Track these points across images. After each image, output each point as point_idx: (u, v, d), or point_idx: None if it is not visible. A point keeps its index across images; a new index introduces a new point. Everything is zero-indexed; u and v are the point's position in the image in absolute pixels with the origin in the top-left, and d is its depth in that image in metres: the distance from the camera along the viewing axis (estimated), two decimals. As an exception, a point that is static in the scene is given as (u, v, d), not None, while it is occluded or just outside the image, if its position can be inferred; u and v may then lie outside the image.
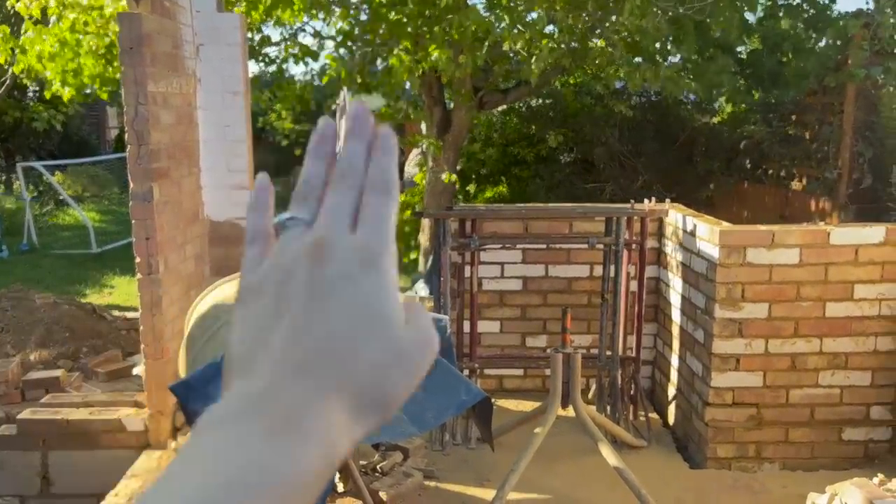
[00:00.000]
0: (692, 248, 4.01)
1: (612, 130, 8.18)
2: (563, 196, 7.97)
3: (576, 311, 4.67)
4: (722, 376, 3.72)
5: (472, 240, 4.01)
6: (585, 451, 3.77)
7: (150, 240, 3.75)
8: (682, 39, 6.00)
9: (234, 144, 4.48)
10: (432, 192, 7.76)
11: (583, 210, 4.43)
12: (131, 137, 3.64)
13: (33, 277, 10.31)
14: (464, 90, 7.23)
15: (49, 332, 5.38)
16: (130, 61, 3.55)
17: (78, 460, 3.91)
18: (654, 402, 4.67)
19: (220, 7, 4.42)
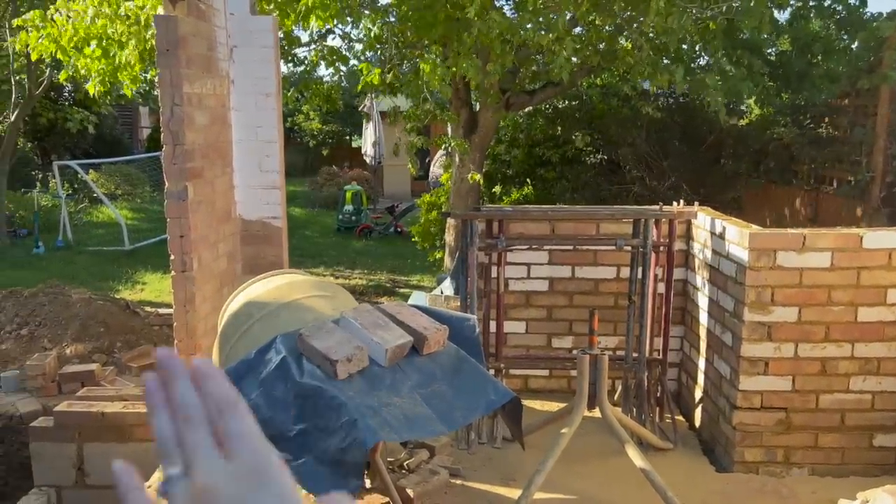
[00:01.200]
0: (721, 250, 3.99)
1: (638, 132, 8.14)
2: (589, 197, 7.97)
3: (602, 312, 4.67)
4: (750, 380, 3.70)
5: (500, 240, 4.04)
6: (611, 452, 3.78)
7: (184, 238, 3.83)
8: (709, 40, 5.96)
9: (266, 145, 4.55)
10: (458, 193, 7.80)
11: (610, 212, 4.44)
12: (167, 137, 3.73)
13: (68, 273, 10.54)
14: (491, 92, 7.26)
15: (84, 327, 5.52)
16: (166, 63, 3.63)
17: (112, 452, 4.01)
18: (679, 404, 4.66)
19: (253, 10, 4.50)
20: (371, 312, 2.62)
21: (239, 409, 0.46)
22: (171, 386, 0.47)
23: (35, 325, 5.55)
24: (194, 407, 0.46)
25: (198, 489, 0.43)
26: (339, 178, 17.02)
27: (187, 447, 0.45)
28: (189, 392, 0.47)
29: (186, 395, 0.46)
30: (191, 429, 0.45)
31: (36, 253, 11.63)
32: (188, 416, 0.45)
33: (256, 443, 0.45)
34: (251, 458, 0.44)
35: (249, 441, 0.45)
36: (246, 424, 0.45)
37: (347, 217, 13.84)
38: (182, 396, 0.46)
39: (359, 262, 11.38)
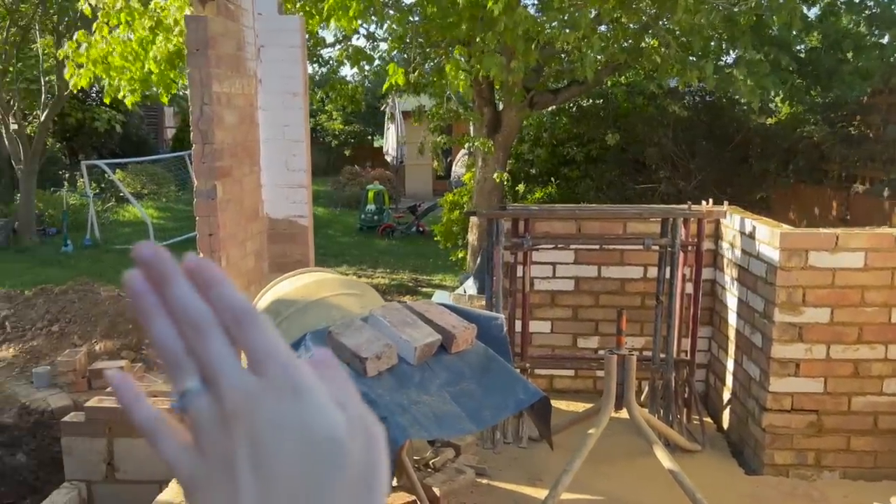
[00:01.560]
0: (751, 250, 3.94)
1: (664, 130, 8.07)
2: (614, 197, 7.91)
3: (629, 312, 4.62)
4: (781, 381, 3.65)
5: (525, 239, 4.02)
6: (639, 453, 3.75)
7: (212, 236, 3.87)
8: (737, 37, 5.89)
9: (293, 144, 4.58)
10: (481, 192, 7.79)
11: (638, 211, 4.40)
12: (196, 137, 3.76)
13: (96, 271, 10.69)
14: (515, 90, 7.24)
15: (113, 323, 5.59)
16: (196, 63, 3.67)
17: (141, 447, 4.06)
18: (707, 405, 4.61)
19: (280, 10, 4.53)
20: (400, 311, 2.62)
21: (258, 319, 0.39)
22: (166, 289, 0.39)
23: (65, 322, 5.63)
24: (202, 312, 0.38)
25: (229, 407, 0.37)
26: (362, 178, 17.08)
27: (204, 357, 0.38)
28: (192, 295, 0.39)
29: (189, 298, 0.38)
30: (205, 337, 0.38)
31: (64, 251, 11.81)
32: (196, 324, 0.38)
33: (287, 358, 0.39)
34: (282, 374, 0.38)
35: (278, 356, 0.38)
36: (271, 337, 0.39)
37: (370, 216, 13.89)
38: (183, 300, 0.38)
39: (381, 261, 11.41)
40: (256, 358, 0.38)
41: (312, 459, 0.37)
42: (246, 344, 0.39)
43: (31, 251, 11.87)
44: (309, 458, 0.37)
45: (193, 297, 0.39)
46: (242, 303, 0.39)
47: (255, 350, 0.38)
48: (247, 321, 0.39)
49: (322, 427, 0.37)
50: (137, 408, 0.42)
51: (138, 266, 0.40)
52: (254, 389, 0.37)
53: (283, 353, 0.39)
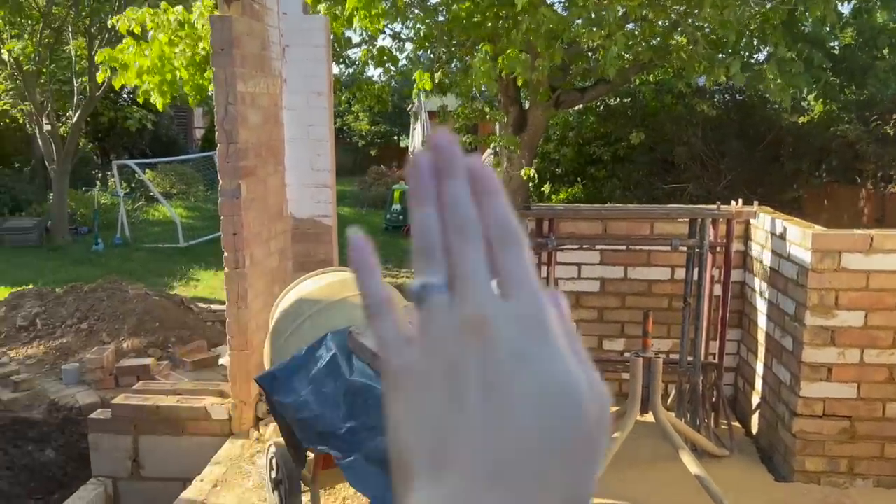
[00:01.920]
0: (782, 251, 3.85)
1: (693, 129, 7.94)
2: (641, 197, 7.82)
3: (656, 314, 4.55)
4: (812, 386, 3.56)
5: (550, 240, 3.97)
6: (664, 457, 3.68)
7: (237, 235, 3.88)
8: (768, 33, 5.76)
9: (318, 144, 4.58)
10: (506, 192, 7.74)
11: (665, 211, 4.32)
12: (221, 136, 3.78)
13: (126, 270, 10.84)
14: (541, 89, 7.19)
15: (141, 322, 5.65)
16: (221, 62, 3.69)
17: (166, 445, 4.09)
18: (736, 410, 4.52)
19: (305, 9, 4.54)
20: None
21: (524, 247, 0.37)
22: (444, 181, 0.37)
23: (94, 320, 5.71)
24: (472, 218, 0.37)
25: (471, 316, 0.36)
26: (388, 178, 17.12)
27: (460, 261, 0.36)
28: (468, 200, 0.37)
29: (464, 202, 0.37)
30: (465, 243, 0.36)
31: (95, 250, 11.99)
32: (462, 227, 0.37)
33: (539, 292, 0.37)
34: (532, 306, 0.36)
35: (533, 284, 0.36)
36: (530, 268, 0.37)
37: (395, 216, 13.91)
38: (458, 200, 0.37)
39: (406, 261, 11.42)
40: (510, 281, 0.36)
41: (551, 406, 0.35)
42: (504, 264, 0.37)
43: (64, 250, 12.08)
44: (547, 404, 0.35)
45: (469, 203, 0.37)
46: (513, 223, 0.37)
47: (510, 273, 0.37)
48: (511, 242, 0.37)
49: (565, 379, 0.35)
50: (370, 278, 0.39)
51: (429, 149, 0.38)
52: (501, 310, 0.36)
53: (537, 286, 0.37)
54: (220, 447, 3.91)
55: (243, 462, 3.73)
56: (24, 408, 4.82)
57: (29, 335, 5.74)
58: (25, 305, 6.15)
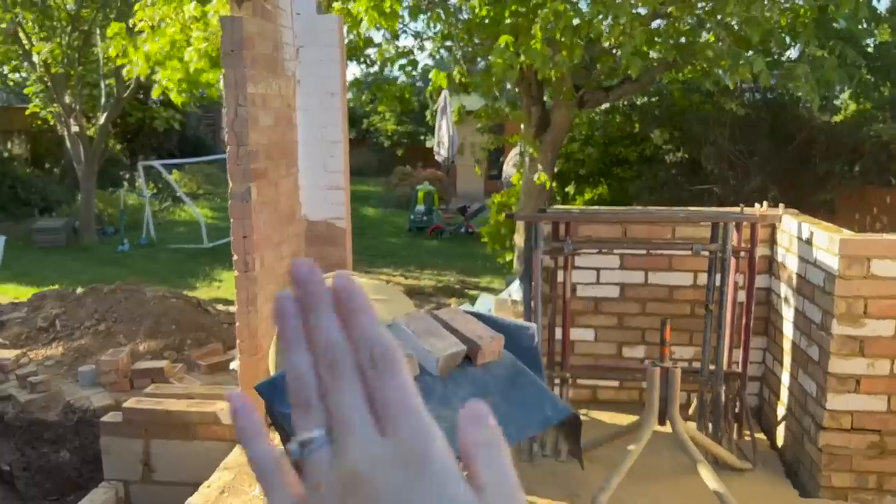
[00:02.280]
0: (808, 257, 3.69)
1: (721, 129, 7.74)
2: (668, 198, 7.63)
3: (677, 321, 4.43)
4: (839, 398, 3.40)
5: (566, 244, 3.86)
6: (683, 471, 3.54)
7: (247, 238, 3.83)
8: (799, 30, 5.57)
9: (331, 145, 4.52)
10: (528, 193, 7.62)
11: (686, 214, 4.18)
12: (231, 138, 3.73)
13: (150, 270, 10.94)
14: (564, 88, 7.05)
15: (157, 323, 5.65)
16: (231, 63, 3.64)
17: (176, 449, 4.06)
18: (761, 421, 4.36)
19: (319, 9, 4.48)
20: (424, 319, 2.51)
21: (397, 365, 0.36)
22: (312, 316, 0.37)
23: (112, 322, 5.72)
24: (343, 352, 0.36)
25: (348, 472, 0.35)
26: (413, 178, 17.07)
27: (336, 406, 0.36)
28: (336, 331, 0.37)
29: (333, 334, 0.37)
30: (339, 382, 0.36)
31: (121, 250, 12.12)
32: (334, 365, 0.36)
33: (419, 419, 0.36)
34: (411, 438, 0.35)
35: (411, 415, 0.36)
36: (405, 390, 0.36)
37: (419, 217, 13.85)
38: (327, 335, 0.37)
39: (429, 262, 11.35)
40: (387, 413, 0.36)
41: None
42: (379, 391, 0.36)
43: (90, 250, 12.23)
44: None
45: (336, 331, 0.37)
46: (384, 342, 0.37)
47: (387, 403, 0.36)
48: (385, 365, 0.36)
49: None
50: (256, 445, 0.39)
51: (293, 285, 0.38)
52: (380, 454, 0.35)
53: (417, 412, 0.36)
54: (230, 452, 3.87)
55: (251, 469, 3.68)
56: (41, 409, 4.84)
57: (48, 336, 5.78)
58: (46, 306, 6.20)
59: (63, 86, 12.41)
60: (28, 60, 12.49)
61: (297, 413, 0.38)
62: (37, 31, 12.41)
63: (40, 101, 13.47)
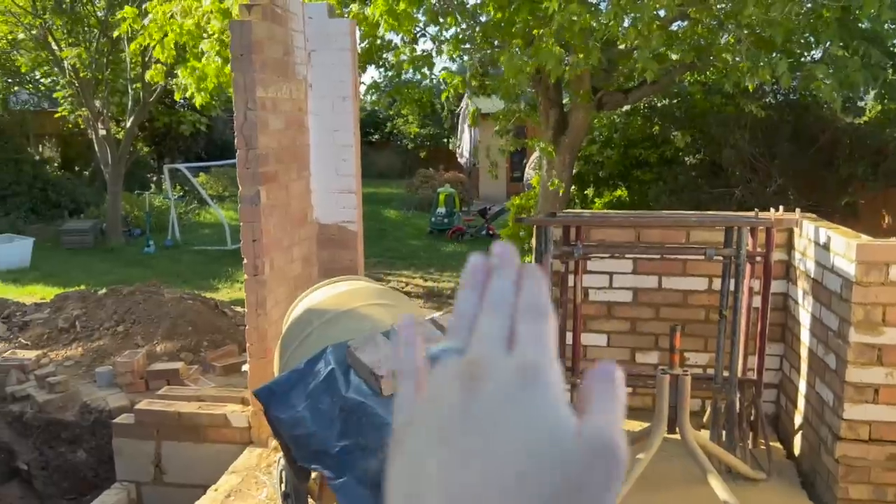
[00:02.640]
0: (825, 262, 3.60)
1: (742, 131, 7.60)
2: (687, 201, 7.52)
3: (692, 327, 4.36)
4: (856, 408, 3.30)
5: (576, 248, 3.81)
6: (694, 480, 3.47)
7: (256, 242, 3.85)
8: (821, 31, 5.45)
9: (343, 149, 4.52)
10: (546, 196, 7.57)
11: (699, 219, 4.11)
12: (240, 142, 3.75)
13: (174, 271, 11.07)
14: (581, 91, 6.99)
15: (174, 325, 5.70)
16: (240, 67, 3.66)
17: (187, 451, 4.09)
18: (778, 429, 4.26)
19: (331, 13, 4.48)
20: (424, 325, 2.49)
21: (546, 317, 0.41)
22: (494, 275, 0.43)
23: (130, 323, 5.79)
24: (506, 303, 0.42)
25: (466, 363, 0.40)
26: (435, 181, 17.06)
27: (478, 329, 0.41)
28: (507, 288, 0.42)
29: (504, 288, 0.42)
30: (492, 317, 0.41)
31: (146, 252, 12.29)
32: (494, 305, 0.42)
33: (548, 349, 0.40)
34: (534, 357, 0.39)
35: (542, 343, 0.40)
36: (546, 331, 0.41)
37: (440, 219, 13.84)
38: (499, 287, 0.42)
39: (449, 264, 11.33)
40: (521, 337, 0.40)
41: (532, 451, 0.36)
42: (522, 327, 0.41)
43: (117, 252, 12.42)
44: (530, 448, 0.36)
45: (508, 290, 0.42)
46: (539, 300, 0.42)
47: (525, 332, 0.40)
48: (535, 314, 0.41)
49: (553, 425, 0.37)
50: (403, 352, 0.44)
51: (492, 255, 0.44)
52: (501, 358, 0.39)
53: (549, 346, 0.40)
54: (239, 455, 3.88)
55: (259, 472, 3.69)
56: (58, 409, 4.90)
57: (69, 337, 5.86)
58: (68, 307, 6.30)
59: (91, 90, 12.62)
60: (58, 65, 12.73)
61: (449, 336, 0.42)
62: (65, 37, 12.64)
63: (69, 105, 13.73)
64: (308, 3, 4.41)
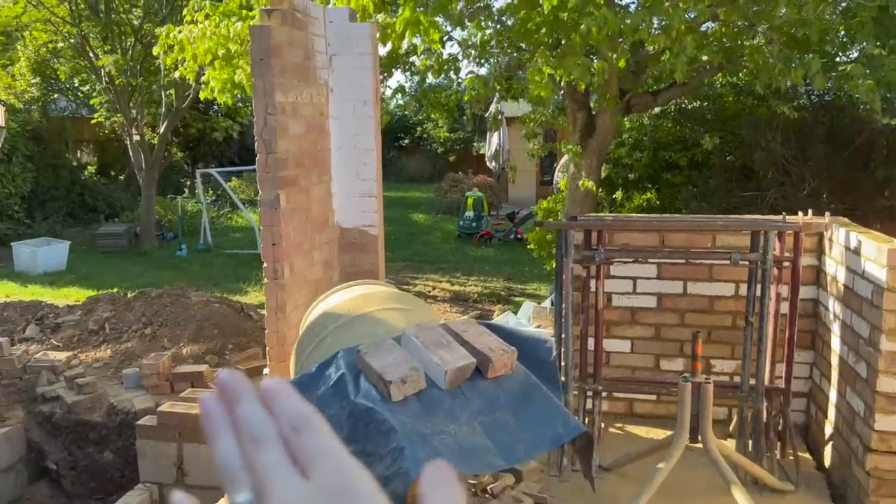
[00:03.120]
0: (856, 268, 3.49)
1: (774, 133, 7.43)
2: (718, 204, 7.38)
3: (718, 333, 4.26)
4: (888, 419, 3.19)
5: (597, 252, 3.75)
6: (718, 490, 3.38)
7: (276, 246, 3.86)
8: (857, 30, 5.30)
9: (364, 153, 4.52)
10: (573, 199, 7.50)
11: (724, 222, 4.01)
12: (260, 146, 3.77)
13: (205, 274, 11.22)
14: (608, 94, 6.91)
15: (200, 328, 5.76)
16: (260, 72, 3.68)
17: (208, 454, 4.10)
18: (808, 440, 4.14)
19: (352, 17, 4.49)
20: (435, 330, 2.46)
21: (315, 424, 0.40)
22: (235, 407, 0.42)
23: (157, 325, 5.86)
24: (263, 426, 0.40)
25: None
26: (463, 184, 17.04)
27: (258, 469, 0.39)
28: (255, 411, 0.41)
29: (252, 413, 0.41)
30: (261, 450, 0.40)
31: (178, 255, 12.47)
32: (256, 437, 0.40)
33: (340, 459, 0.39)
34: (335, 477, 0.38)
35: (331, 457, 0.39)
36: (325, 440, 0.40)
37: (468, 223, 13.81)
38: (247, 416, 0.41)
39: (476, 268, 11.29)
40: (307, 458, 0.39)
41: None
42: (299, 447, 0.39)
43: (150, 255, 12.63)
44: None
45: (257, 413, 0.41)
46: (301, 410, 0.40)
47: (306, 451, 0.39)
48: (303, 426, 0.40)
49: None
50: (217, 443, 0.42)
51: (215, 389, 0.43)
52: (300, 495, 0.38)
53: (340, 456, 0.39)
54: (258, 458, 3.89)
55: (277, 475, 3.69)
56: (86, 410, 4.98)
57: (98, 339, 5.96)
58: (98, 310, 6.40)
59: (126, 97, 12.87)
60: (95, 73, 13.01)
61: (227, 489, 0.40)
62: (101, 45, 12.92)
63: (105, 111, 14.02)
64: (329, 8, 4.42)
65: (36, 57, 14.11)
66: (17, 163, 13.76)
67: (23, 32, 13.60)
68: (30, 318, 6.58)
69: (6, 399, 5.27)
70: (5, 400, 5.26)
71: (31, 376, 5.44)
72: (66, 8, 12.60)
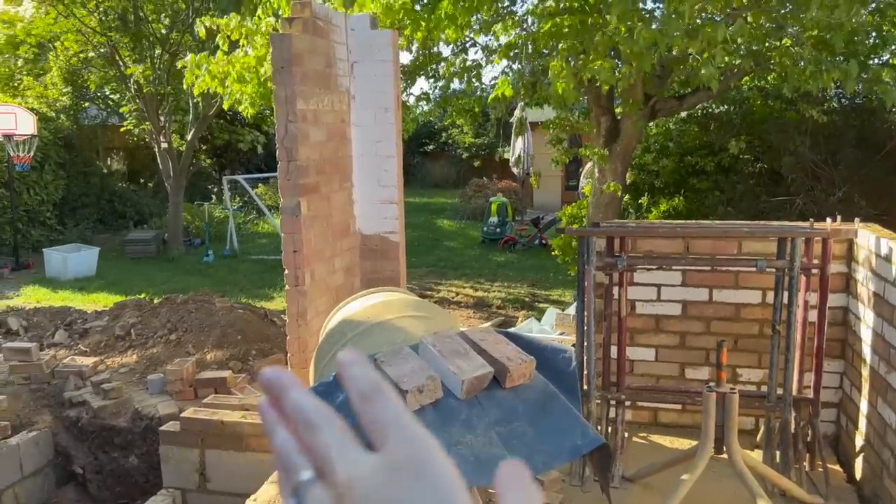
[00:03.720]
0: (887, 275, 3.40)
1: (803, 137, 7.29)
2: (745, 210, 7.26)
3: (744, 341, 4.18)
4: (922, 431, 3.09)
5: (620, 259, 3.70)
6: (746, 502, 3.31)
7: (297, 253, 3.87)
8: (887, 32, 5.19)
9: (385, 160, 4.52)
10: (598, 205, 7.43)
11: (750, 229, 3.94)
12: (281, 154, 3.78)
13: (231, 280, 11.32)
14: (632, 99, 6.84)
15: (224, 334, 5.80)
16: (281, 80, 3.69)
17: (230, 460, 4.13)
18: (838, 451, 4.04)
19: (374, 24, 4.49)
20: (452, 339, 2.44)
21: (385, 393, 0.40)
22: (282, 400, 0.42)
23: (182, 331, 5.92)
24: (314, 410, 0.40)
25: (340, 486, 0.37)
26: (488, 190, 17.01)
27: (315, 449, 0.39)
28: (303, 397, 0.41)
29: (301, 401, 0.41)
30: (316, 431, 0.40)
31: (205, 261, 12.60)
32: (310, 421, 0.40)
33: (411, 429, 0.38)
34: (406, 447, 0.38)
35: (402, 427, 0.38)
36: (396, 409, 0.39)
37: (492, 229, 13.77)
38: (296, 404, 0.41)
39: (500, 274, 11.24)
40: (379, 429, 0.38)
41: None
42: (369, 416, 0.39)
43: (177, 261, 12.78)
44: None
45: (307, 399, 0.41)
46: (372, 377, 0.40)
47: (378, 421, 0.38)
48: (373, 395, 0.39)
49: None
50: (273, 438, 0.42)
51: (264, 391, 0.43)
52: (370, 470, 0.37)
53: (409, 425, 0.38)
54: (279, 465, 3.89)
55: (298, 482, 3.69)
56: (112, 415, 5.04)
57: (124, 344, 6.03)
58: (125, 315, 6.48)
59: (154, 105, 13.07)
60: (124, 82, 13.23)
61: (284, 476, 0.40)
62: (130, 54, 13.14)
63: (134, 119, 14.25)
64: (350, 15, 4.44)
65: (67, 66, 14.40)
66: (49, 170, 14.03)
67: (54, 43, 13.88)
68: (59, 324, 6.69)
69: (35, 403, 5.35)
70: (34, 404, 5.34)
71: (58, 381, 5.52)
72: (96, 18, 12.84)
